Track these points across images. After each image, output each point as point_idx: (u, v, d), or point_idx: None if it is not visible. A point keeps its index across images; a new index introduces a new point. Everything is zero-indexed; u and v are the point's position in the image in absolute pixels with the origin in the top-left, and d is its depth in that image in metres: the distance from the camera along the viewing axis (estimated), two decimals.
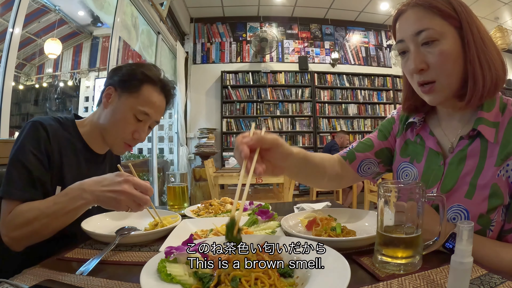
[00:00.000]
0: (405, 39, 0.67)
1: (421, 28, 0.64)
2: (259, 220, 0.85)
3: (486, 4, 4.90)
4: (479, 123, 0.65)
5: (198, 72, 5.61)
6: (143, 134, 0.96)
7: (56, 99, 4.77)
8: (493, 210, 0.63)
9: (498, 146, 0.64)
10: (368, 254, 0.62)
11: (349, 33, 5.93)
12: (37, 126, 0.84)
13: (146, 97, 0.93)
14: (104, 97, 0.95)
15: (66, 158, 0.88)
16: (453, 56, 0.64)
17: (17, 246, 0.75)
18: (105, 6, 2.79)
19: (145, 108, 0.92)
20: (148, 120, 0.95)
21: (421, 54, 0.65)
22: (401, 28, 0.69)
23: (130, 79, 0.93)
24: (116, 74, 0.95)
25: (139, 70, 0.94)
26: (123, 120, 0.92)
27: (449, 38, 0.64)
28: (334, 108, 5.67)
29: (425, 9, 0.65)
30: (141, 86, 0.92)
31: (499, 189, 0.63)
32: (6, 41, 1.78)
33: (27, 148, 0.80)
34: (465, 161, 0.67)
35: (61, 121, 0.93)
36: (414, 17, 0.66)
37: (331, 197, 4.69)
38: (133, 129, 0.94)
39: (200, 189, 4.48)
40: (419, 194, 0.54)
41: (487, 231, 0.64)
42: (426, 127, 0.78)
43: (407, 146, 0.82)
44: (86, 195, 0.73)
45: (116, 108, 0.93)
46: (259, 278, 0.46)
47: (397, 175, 0.83)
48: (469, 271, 0.42)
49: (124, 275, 0.57)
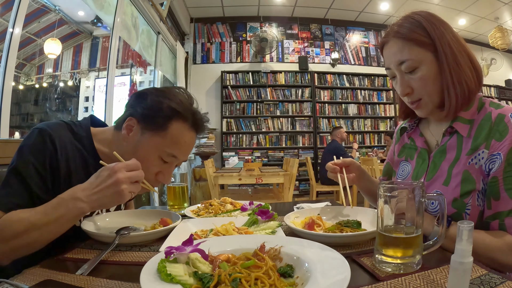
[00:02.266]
0: (391, 67, 0.79)
1: (402, 59, 0.76)
2: (259, 220, 0.85)
3: (486, 4, 4.90)
4: (454, 121, 0.77)
5: (198, 72, 5.61)
6: (167, 176, 0.84)
7: (56, 99, 4.77)
8: (467, 195, 0.71)
9: (471, 139, 0.74)
10: (368, 254, 0.62)
11: (349, 33, 5.94)
12: (44, 137, 0.75)
13: (175, 137, 0.80)
14: (125, 128, 0.81)
15: (75, 173, 0.78)
16: (431, 78, 0.75)
17: (5, 259, 0.67)
18: (105, 6, 2.79)
19: (173, 150, 0.81)
20: (175, 162, 0.84)
21: (405, 81, 0.78)
22: (386, 58, 0.80)
23: (155, 115, 0.79)
24: (139, 104, 0.81)
25: (166, 103, 0.79)
26: (147, 161, 0.78)
27: (427, 63, 0.75)
28: (334, 108, 5.67)
29: (403, 41, 0.75)
30: (168, 124, 0.79)
31: (470, 175, 0.72)
32: (6, 41, 1.78)
33: (29, 161, 0.73)
34: (446, 153, 0.78)
35: (74, 129, 0.82)
36: (395, 49, 0.77)
37: (331, 197, 4.69)
38: (157, 171, 0.83)
39: (200, 189, 4.48)
40: (419, 194, 0.54)
41: (463, 214, 0.71)
42: (417, 130, 0.92)
43: (404, 149, 0.95)
44: (81, 204, 0.65)
45: (139, 145, 0.80)
46: (259, 278, 0.46)
47: (397, 172, 0.95)
48: (469, 271, 0.42)
49: (124, 275, 0.57)
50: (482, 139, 0.71)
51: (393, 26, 0.78)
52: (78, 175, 0.79)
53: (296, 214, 0.89)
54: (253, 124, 5.47)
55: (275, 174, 3.07)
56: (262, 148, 5.44)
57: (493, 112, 0.73)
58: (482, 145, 0.71)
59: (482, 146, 0.71)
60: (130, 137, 0.81)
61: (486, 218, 0.71)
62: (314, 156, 5.43)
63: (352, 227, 0.76)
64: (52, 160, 0.75)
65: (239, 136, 5.45)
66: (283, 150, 5.46)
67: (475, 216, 0.71)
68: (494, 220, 0.69)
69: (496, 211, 0.69)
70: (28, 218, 0.65)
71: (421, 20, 0.75)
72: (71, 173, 0.78)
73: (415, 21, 0.75)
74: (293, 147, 5.49)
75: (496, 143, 0.69)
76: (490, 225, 0.70)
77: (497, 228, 0.69)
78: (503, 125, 0.70)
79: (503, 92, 6.42)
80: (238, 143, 5.44)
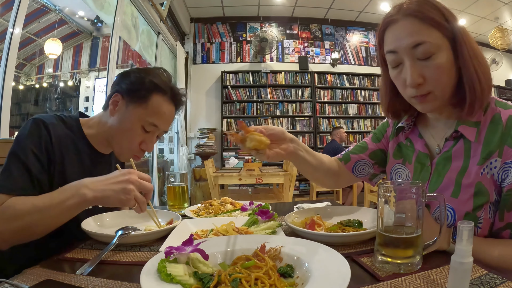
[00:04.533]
0: (399, 51, 0.65)
1: (418, 41, 0.63)
2: (259, 220, 0.84)
3: (486, 4, 4.90)
4: (460, 124, 0.68)
5: (198, 72, 5.61)
6: (150, 145, 0.94)
7: (56, 99, 4.77)
8: (479, 208, 0.64)
9: (480, 145, 0.65)
10: (368, 254, 0.62)
11: (349, 33, 5.94)
12: (39, 124, 0.81)
13: (155, 107, 0.90)
14: (111, 104, 0.91)
15: (68, 158, 0.86)
16: (448, 68, 0.64)
17: (4, 243, 0.70)
18: (105, 6, 2.79)
19: (154, 120, 0.90)
20: (156, 131, 0.93)
21: (418, 68, 0.64)
22: (394, 39, 0.66)
23: (138, 88, 0.89)
24: (124, 81, 0.92)
25: (147, 78, 0.90)
26: (131, 131, 0.90)
27: (444, 51, 0.64)
28: (334, 108, 5.67)
29: (420, 21, 0.63)
30: (149, 96, 0.89)
31: (483, 187, 0.64)
32: (6, 41, 1.78)
33: (27, 146, 0.78)
34: (451, 161, 0.69)
35: (65, 119, 0.90)
36: (410, 29, 0.63)
37: (331, 197, 4.69)
38: (140, 140, 0.92)
39: (200, 189, 4.48)
40: (419, 194, 0.54)
41: (475, 229, 0.65)
42: (415, 130, 0.81)
43: (400, 149, 0.85)
44: (85, 190, 0.68)
45: (124, 117, 0.90)
46: (259, 279, 0.46)
47: (391, 176, 0.86)
48: (469, 271, 0.42)
49: (124, 275, 0.57)
50: (494, 146, 0.64)
51: (403, 5, 0.66)
52: (71, 159, 0.86)
53: (296, 214, 0.89)
54: (253, 124, 5.42)
55: (275, 174, 3.07)
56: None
57: (502, 113, 0.66)
58: (494, 153, 0.63)
59: (494, 154, 0.63)
60: (116, 111, 0.91)
61: (497, 229, 0.66)
62: None
63: (353, 226, 0.76)
64: (48, 145, 0.81)
65: None
66: None
67: (486, 229, 0.65)
68: (505, 230, 0.65)
69: (508, 221, 0.64)
70: (32, 201, 0.70)
71: (437, 4, 0.65)
72: (64, 157, 0.85)
73: (431, 3, 0.64)
74: None
75: (509, 149, 0.62)
76: (500, 235, 0.66)
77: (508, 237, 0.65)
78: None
79: (503, 92, 6.42)
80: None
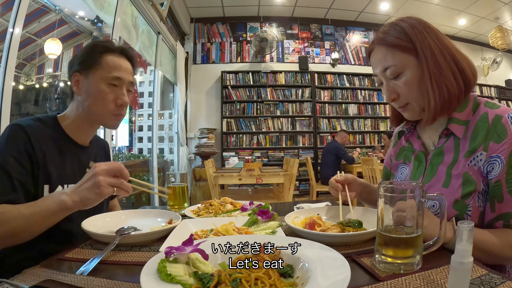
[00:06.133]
0: (377, 74, 0.81)
1: (385, 65, 0.77)
2: (259, 220, 0.85)
3: (486, 4, 4.90)
4: (450, 123, 0.77)
5: (198, 72, 5.61)
6: (124, 97, 0.97)
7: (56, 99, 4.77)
8: (467, 196, 0.71)
9: (468, 141, 0.74)
10: (368, 254, 0.62)
11: (349, 33, 5.94)
12: (16, 129, 0.84)
13: (110, 63, 0.95)
14: (74, 85, 0.96)
15: (50, 156, 0.88)
16: (416, 83, 0.76)
17: None
18: (105, 6, 2.78)
19: (113, 73, 0.95)
20: (122, 83, 0.97)
21: (390, 87, 0.79)
22: (372, 65, 0.82)
23: (89, 57, 0.95)
24: (75, 61, 0.97)
25: (94, 46, 0.97)
26: (100, 93, 0.94)
27: (410, 68, 0.75)
28: (334, 108, 5.67)
29: (387, 47, 0.77)
30: (101, 57, 0.95)
31: (470, 176, 0.72)
32: (6, 41, 1.78)
33: (6, 152, 0.80)
34: (443, 155, 0.78)
35: (42, 119, 0.93)
36: (379, 56, 0.79)
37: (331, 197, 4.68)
38: (113, 97, 0.95)
39: (200, 189, 4.48)
40: (419, 194, 0.54)
41: (464, 216, 0.71)
42: (415, 133, 0.91)
43: (402, 152, 0.95)
44: (64, 198, 0.72)
45: (89, 87, 0.94)
46: (259, 278, 0.46)
47: (396, 175, 0.95)
48: (469, 271, 0.42)
49: (124, 275, 0.57)
50: (479, 141, 0.71)
51: (378, 34, 0.80)
52: (52, 156, 0.89)
53: (296, 214, 0.89)
54: (253, 124, 5.47)
55: (275, 174, 3.07)
56: (262, 148, 5.44)
57: (489, 112, 0.73)
58: (480, 147, 0.71)
59: (480, 148, 0.71)
60: (80, 88, 0.95)
61: (490, 220, 0.71)
62: (314, 156, 5.43)
63: (353, 226, 0.76)
64: (28, 147, 0.83)
65: (239, 136, 5.45)
66: (283, 150, 5.46)
67: (475, 217, 0.71)
68: (498, 221, 0.70)
69: (500, 213, 0.70)
70: (18, 208, 0.73)
71: (404, 26, 0.76)
72: (45, 154, 0.87)
73: (398, 28, 0.77)
74: (293, 147, 5.49)
75: (494, 145, 0.69)
76: (494, 226, 0.71)
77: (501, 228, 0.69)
78: (501, 127, 0.69)
79: (503, 92, 6.42)
80: (238, 143, 5.44)
